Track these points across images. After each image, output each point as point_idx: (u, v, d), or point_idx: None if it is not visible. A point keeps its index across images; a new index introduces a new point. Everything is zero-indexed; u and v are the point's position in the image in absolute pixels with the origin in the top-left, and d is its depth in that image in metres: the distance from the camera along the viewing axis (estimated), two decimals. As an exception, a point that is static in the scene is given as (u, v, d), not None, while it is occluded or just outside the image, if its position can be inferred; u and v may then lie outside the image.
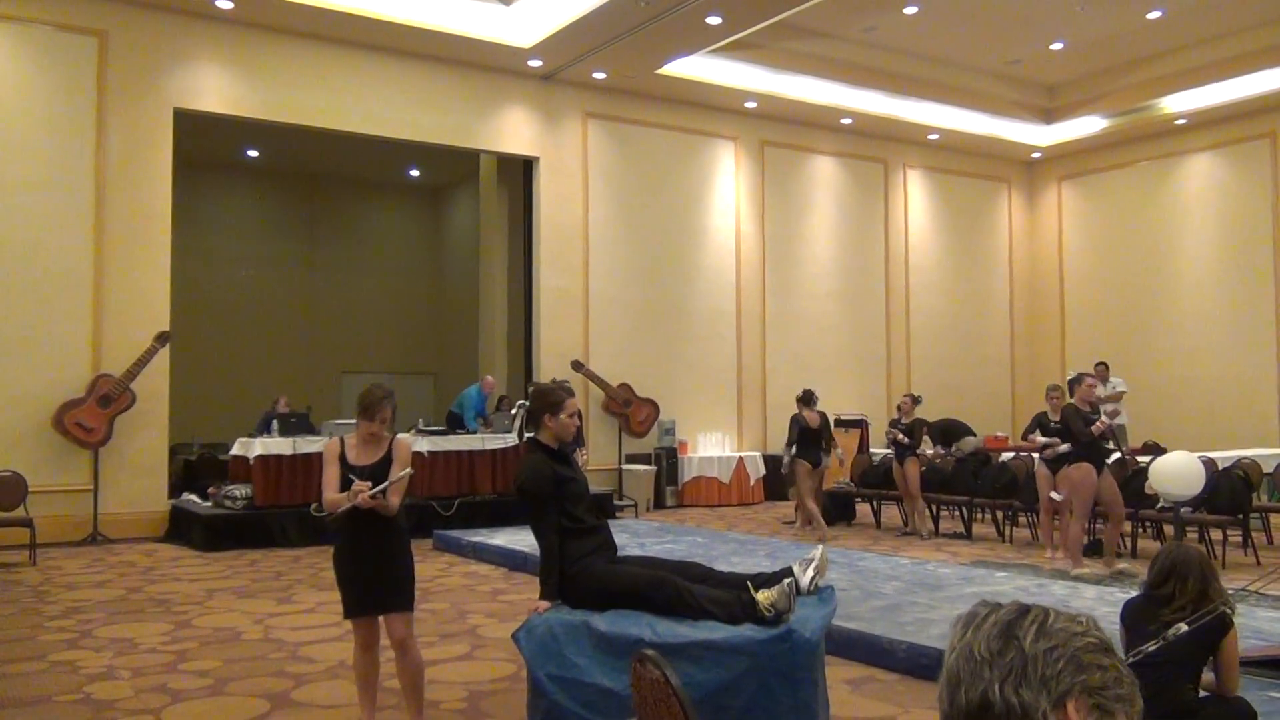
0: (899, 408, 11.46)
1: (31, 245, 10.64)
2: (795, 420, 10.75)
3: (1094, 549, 9.52)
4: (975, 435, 13.59)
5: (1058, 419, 9.08)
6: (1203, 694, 3.42)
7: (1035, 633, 1.15)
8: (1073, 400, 8.58)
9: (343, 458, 4.27)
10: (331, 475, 4.24)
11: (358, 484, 4.09)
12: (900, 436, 10.92)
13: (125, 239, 11.12)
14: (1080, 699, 1.11)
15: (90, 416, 10.58)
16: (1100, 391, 13.32)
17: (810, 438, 10.64)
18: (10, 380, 10.43)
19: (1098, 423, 8.31)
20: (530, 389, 4.40)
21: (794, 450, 10.64)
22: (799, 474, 10.71)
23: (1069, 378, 9.21)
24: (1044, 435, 9.17)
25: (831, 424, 11.45)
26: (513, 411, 4.33)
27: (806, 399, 10.82)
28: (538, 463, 4.11)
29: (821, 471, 10.81)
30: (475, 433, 12.42)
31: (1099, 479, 8.21)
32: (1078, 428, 8.28)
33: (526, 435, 4.27)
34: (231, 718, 4.73)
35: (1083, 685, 1.12)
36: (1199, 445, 10.31)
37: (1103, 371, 13.53)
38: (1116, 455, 9.42)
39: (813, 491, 10.72)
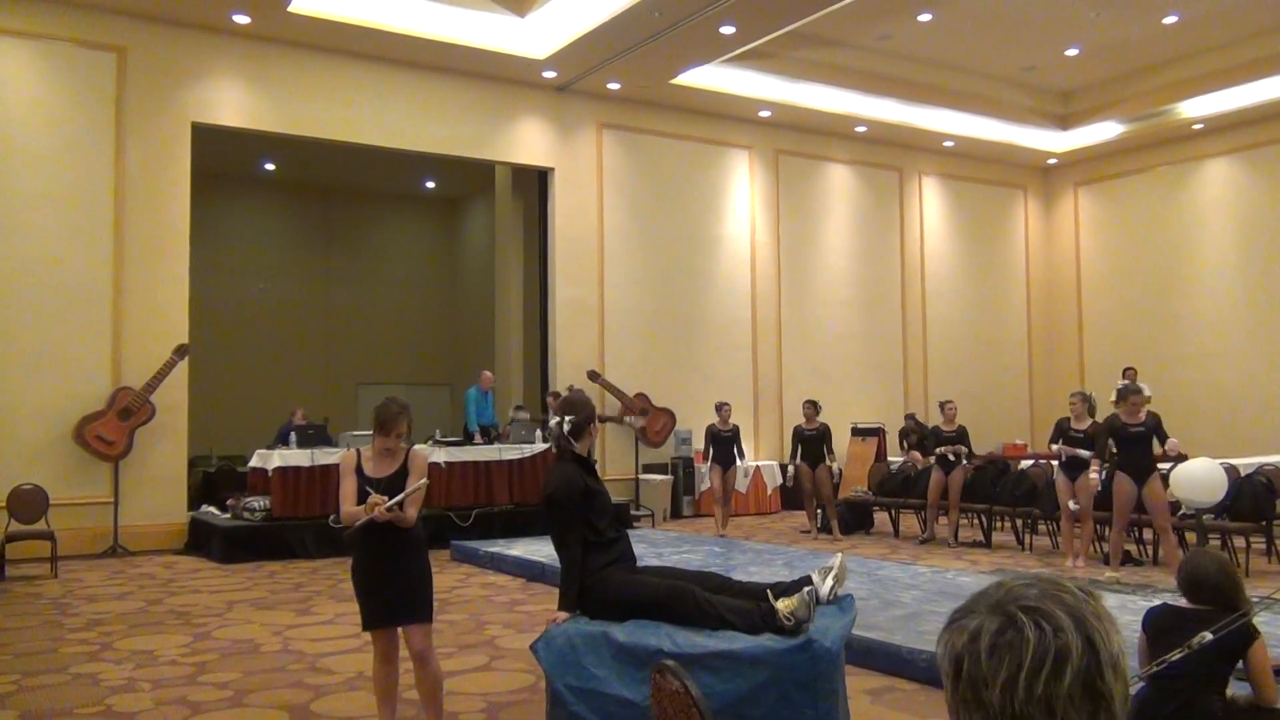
0: (942, 416, 11.28)
1: (51, 259, 10.73)
2: (708, 429, 11.89)
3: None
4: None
5: (1081, 428, 9.01)
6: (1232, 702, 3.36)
7: (1113, 679, 1.07)
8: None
9: (359, 469, 4.28)
10: (349, 487, 4.25)
11: (374, 497, 4.10)
12: (963, 449, 10.82)
13: (144, 253, 11.20)
14: None
15: (110, 429, 10.65)
16: None
17: (723, 443, 11.74)
18: (31, 394, 10.51)
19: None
20: (563, 401, 4.36)
21: (711, 456, 11.77)
22: (712, 477, 11.86)
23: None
24: (1066, 442, 9.09)
25: (830, 434, 11.82)
26: (559, 423, 4.24)
27: (719, 409, 11.94)
28: (570, 473, 4.10)
29: (732, 474, 11.97)
30: (485, 431, 12.49)
31: (1144, 488, 8.18)
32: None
33: (568, 447, 4.20)
34: (251, 729, 4.74)
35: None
36: (1220, 452, 10.21)
37: (1131, 376, 13.44)
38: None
39: (723, 492, 11.87)
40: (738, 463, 11.93)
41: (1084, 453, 8.89)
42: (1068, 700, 1.05)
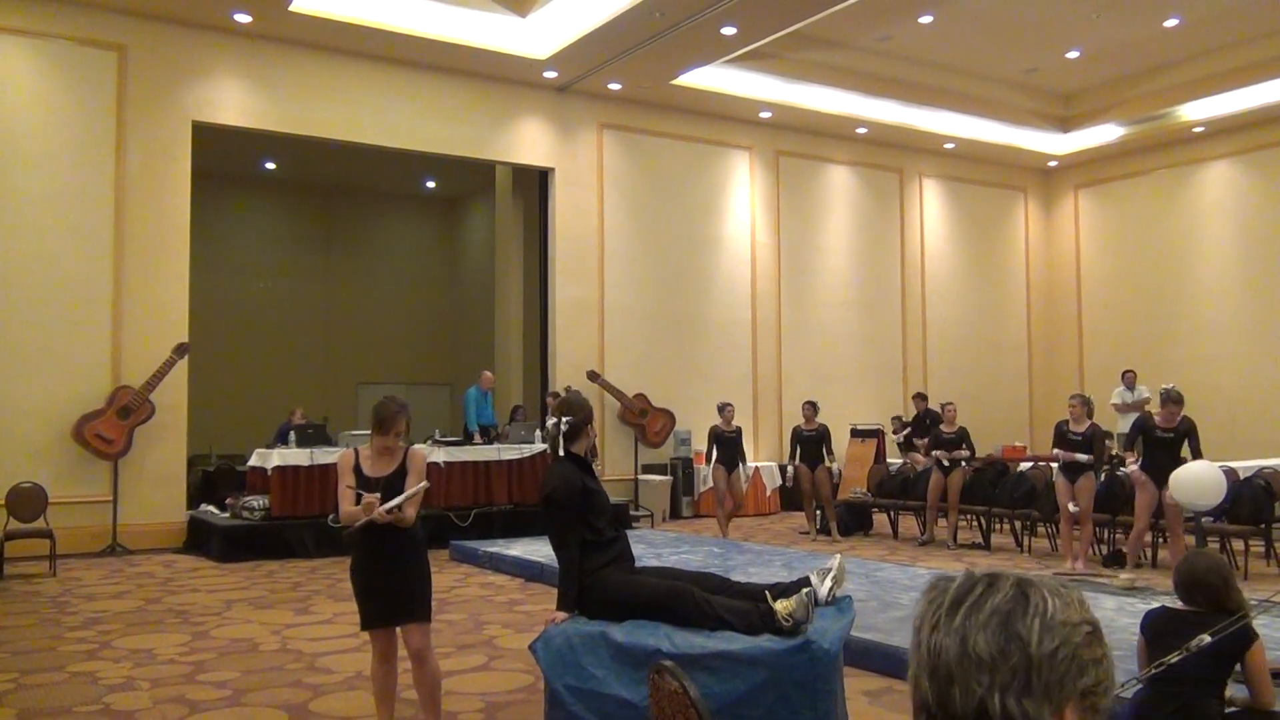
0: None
1: (52, 258, 10.73)
2: (711, 430, 11.44)
3: (1116, 559, 9.46)
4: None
5: (1080, 430, 9.02)
6: (1230, 709, 3.37)
7: (1040, 631, 1.05)
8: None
9: (357, 469, 4.27)
10: (348, 489, 4.26)
11: (368, 497, 4.10)
12: (963, 455, 10.84)
13: (144, 251, 11.20)
14: (1077, 703, 1.07)
15: (109, 428, 10.65)
16: (1129, 398, 13.30)
17: (726, 445, 11.30)
18: (30, 392, 10.51)
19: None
20: (561, 401, 4.37)
21: (715, 458, 11.29)
22: (716, 479, 11.38)
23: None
24: (1065, 444, 9.11)
25: (830, 435, 11.74)
26: (558, 424, 4.25)
27: (721, 409, 11.49)
28: (569, 473, 4.10)
29: (737, 476, 11.41)
30: (485, 432, 12.49)
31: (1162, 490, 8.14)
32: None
33: (565, 447, 4.20)
34: (249, 728, 4.73)
35: (1082, 689, 1.07)
36: (1219, 454, 10.20)
37: (1130, 379, 13.51)
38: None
39: (725, 496, 11.38)
40: (741, 465, 11.47)
41: (1082, 456, 8.92)
42: (981, 627, 1.06)
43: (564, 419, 4.17)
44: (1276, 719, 3.34)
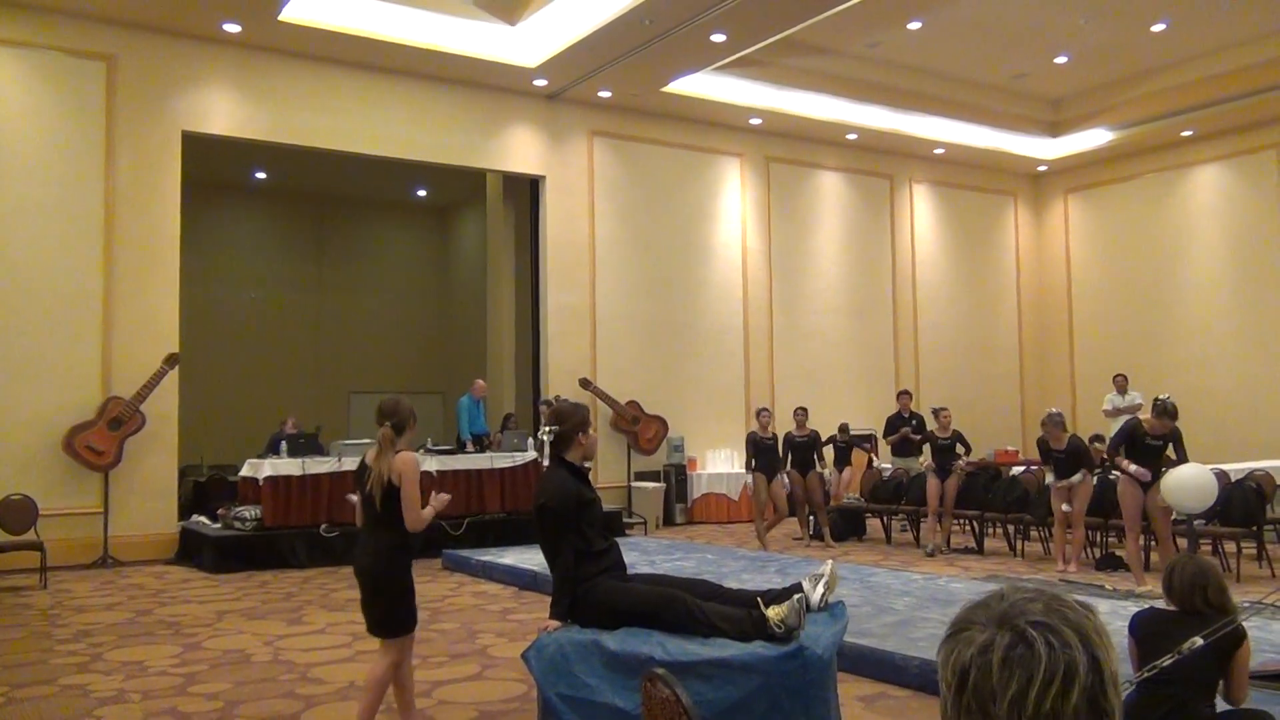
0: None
1: (41, 268, 10.69)
2: (749, 436, 11.49)
3: (1109, 562, 9.48)
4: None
5: (1061, 448, 9.09)
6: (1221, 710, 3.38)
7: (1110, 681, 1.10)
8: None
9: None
10: (420, 492, 4.38)
11: (441, 495, 4.44)
12: (961, 464, 10.89)
13: (134, 261, 11.17)
14: None
15: (100, 439, 10.61)
16: (1120, 403, 13.36)
17: (765, 451, 11.27)
18: (20, 403, 10.47)
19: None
20: (551, 409, 4.46)
21: (755, 465, 11.24)
22: (757, 487, 11.29)
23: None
24: (1052, 461, 9.18)
25: (821, 441, 11.79)
26: (542, 435, 4.38)
27: (759, 414, 11.66)
28: (565, 481, 4.10)
29: (778, 484, 11.36)
30: (478, 440, 12.46)
31: (1146, 494, 8.13)
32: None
33: (558, 455, 4.28)
34: (241, 740, 4.71)
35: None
36: (1210, 457, 10.24)
37: (1121, 383, 13.57)
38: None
39: (766, 505, 11.32)
40: (781, 472, 11.44)
41: (1077, 478, 9.00)
42: (1073, 717, 1.06)
43: (550, 428, 4.23)
44: (1258, 717, 3.37)
